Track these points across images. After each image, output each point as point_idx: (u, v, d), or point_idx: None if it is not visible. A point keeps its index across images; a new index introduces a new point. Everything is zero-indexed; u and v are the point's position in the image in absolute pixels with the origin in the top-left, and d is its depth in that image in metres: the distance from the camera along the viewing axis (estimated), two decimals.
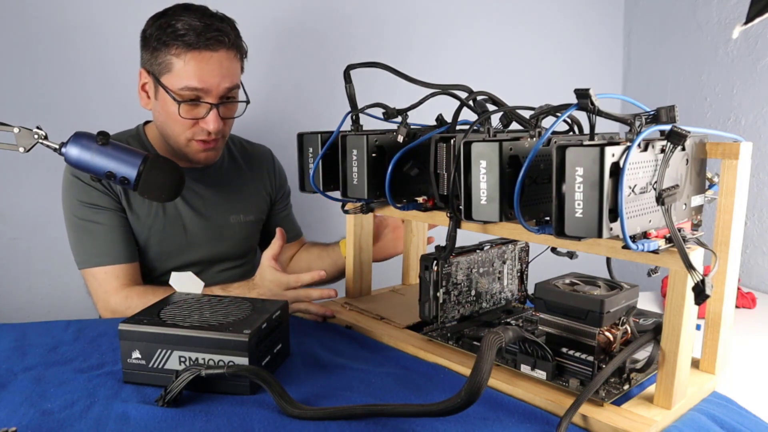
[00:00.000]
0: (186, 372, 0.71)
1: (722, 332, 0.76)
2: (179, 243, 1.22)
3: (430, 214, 0.86)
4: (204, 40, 1.07)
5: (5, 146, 0.87)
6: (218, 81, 1.10)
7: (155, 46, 1.09)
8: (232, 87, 1.13)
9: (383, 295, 1.11)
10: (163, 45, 1.08)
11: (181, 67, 1.08)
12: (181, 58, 1.08)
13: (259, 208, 1.35)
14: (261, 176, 1.36)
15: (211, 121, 1.11)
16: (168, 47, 1.08)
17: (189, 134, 1.13)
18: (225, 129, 1.17)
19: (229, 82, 1.12)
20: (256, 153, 1.38)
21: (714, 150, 0.72)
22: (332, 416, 0.67)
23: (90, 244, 1.15)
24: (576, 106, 0.63)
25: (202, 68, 1.08)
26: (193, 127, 1.12)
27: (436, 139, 0.80)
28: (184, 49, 1.07)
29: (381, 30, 1.72)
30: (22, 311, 1.43)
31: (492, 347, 0.65)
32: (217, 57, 1.09)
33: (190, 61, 1.07)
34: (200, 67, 1.08)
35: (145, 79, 1.15)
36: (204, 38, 1.07)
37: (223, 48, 1.10)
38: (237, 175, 1.32)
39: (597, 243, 0.67)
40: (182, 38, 1.07)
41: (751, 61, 1.59)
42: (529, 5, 1.89)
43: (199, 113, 1.11)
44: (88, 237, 1.15)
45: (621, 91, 2.06)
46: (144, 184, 0.89)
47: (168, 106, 1.11)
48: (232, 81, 1.13)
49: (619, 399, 0.70)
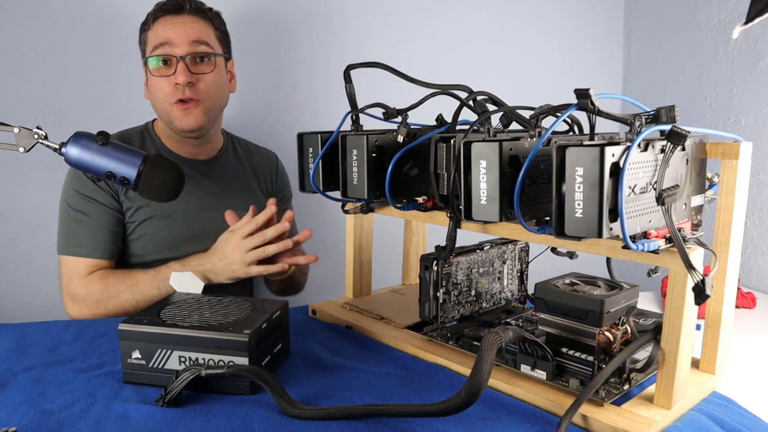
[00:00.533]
0: (186, 372, 0.71)
1: (722, 332, 0.76)
2: (182, 234, 1.24)
3: (430, 214, 0.86)
4: (167, 6, 1.21)
5: (5, 146, 0.87)
6: (181, 35, 1.18)
7: (140, 36, 1.24)
8: (198, 41, 1.20)
9: (383, 295, 1.11)
10: (143, 30, 1.23)
11: (151, 35, 1.21)
12: (152, 29, 1.21)
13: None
14: (264, 177, 1.40)
15: (180, 73, 1.17)
16: (144, 27, 1.23)
17: (169, 98, 1.19)
18: (201, 88, 1.20)
19: (193, 36, 1.19)
20: (261, 155, 1.43)
21: (714, 150, 0.72)
22: (332, 416, 0.67)
23: (75, 234, 1.20)
24: (576, 106, 0.63)
25: (165, 28, 1.19)
26: (170, 90, 1.19)
27: (436, 139, 0.80)
28: (152, 21, 1.21)
29: (381, 30, 1.72)
30: (22, 311, 1.43)
31: (492, 347, 0.65)
32: (181, 18, 1.20)
33: (156, 27, 1.20)
34: (164, 27, 1.19)
35: (144, 74, 1.24)
36: (166, 7, 1.21)
37: (184, 13, 1.21)
38: (241, 173, 1.36)
39: (597, 243, 0.67)
40: (152, 14, 1.21)
41: (751, 61, 1.59)
42: (529, 5, 1.89)
43: (170, 71, 1.18)
44: (75, 226, 1.20)
45: (621, 91, 2.06)
46: (144, 184, 0.89)
47: (150, 79, 1.21)
48: (197, 36, 1.20)
49: (619, 399, 0.70)
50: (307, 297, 1.42)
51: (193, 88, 1.19)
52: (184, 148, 1.29)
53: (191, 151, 1.29)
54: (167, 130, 1.27)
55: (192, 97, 1.19)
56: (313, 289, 1.44)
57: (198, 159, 1.30)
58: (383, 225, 1.19)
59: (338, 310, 1.04)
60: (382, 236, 1.27)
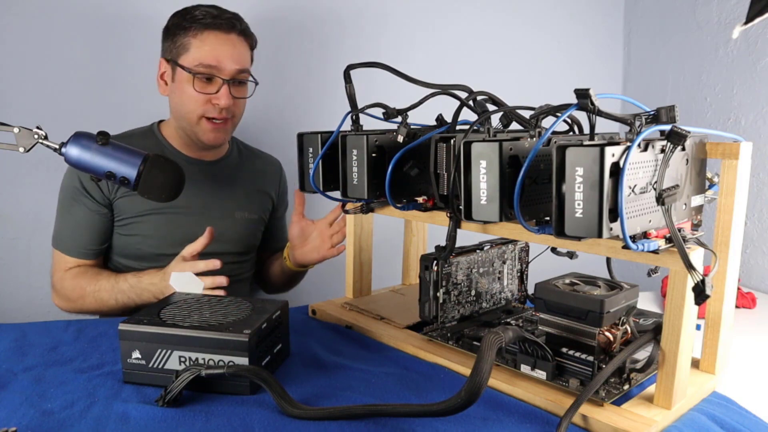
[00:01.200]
0: (186, 372, 0.71)
1: (722, 332, 0.76)
2: (181, 229, 1.24)
3: (430, 214, 0.86)
4: (219, 21, 1.20)
5: (5, 146, 0.87)
6: (230, 60, 1.19)
7: (175, 31, 1.21)
8: (242, 70, 1.22)
9: (383, 295, 1.11)
10: (182, 29, 1.20)
11: (197, 45, 1.18)
12: (197, 37, 1.19)
13: (262, 209, 1.39)
14: (268, 183, 1.42)
15: (223, 97, 1.19)
16: (186, 30, 1.19)
17: (201, 111, 1.20)
18: (235, 110, 1.24)
19: (240, 63, 1.21)
20: (266, 161, 1.45)
21: (714, 150, 0.72)
22: (332, 416, 0.67)
23: (61, 229, 1.24)
24: (576, 106, 0.63)
25: (216, 47, 1.19)
26: (205, 105, 1.20)
27: (436, 139, 0.80)
28: (200, 29, 1.19)
29: (381, 30, 1.72)
30: (22, 311, 1.43)
31: (492, 347, 0.65)
32: (230, 38, 1.21)
33: (205, 39, 1.18)
34: (214, 45, 1.19)
35: (164, 67, 1.24)
36: (219, 20, 1.20)
37: (235, 31, 1.21)
38: (245, 175, 1.37)
39: (597, 243, 0.67)
40: (200, 21, 1.19)
41: (751, 61, 1.59)
42: (529, 5, 1.89)
43: (212, 89, 1.19)
44: (63, 223, 1.24)
45: (621, 91, 2.06)
46: (144, 184, 0.89)
47: (183, 84, 1.19)
48: (242, 63, 1.22)
49: (619, 399, 0.70)
50: (307, 297, 1.42)
51: (227, 109, 1.21)
52: (192, 149, 1.30)
53: (198, 153, 1.31)
54: (180, 132, 1.27)
55: (226, 117, 1.22)
56: (313, 289, 1.44)
57: (204, 159, 1.31)
58: (383, 225, 1.19)
59: (338, 310, 1.04)
60: (382, 236, 1.27)
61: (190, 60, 1.19)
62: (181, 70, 1.19)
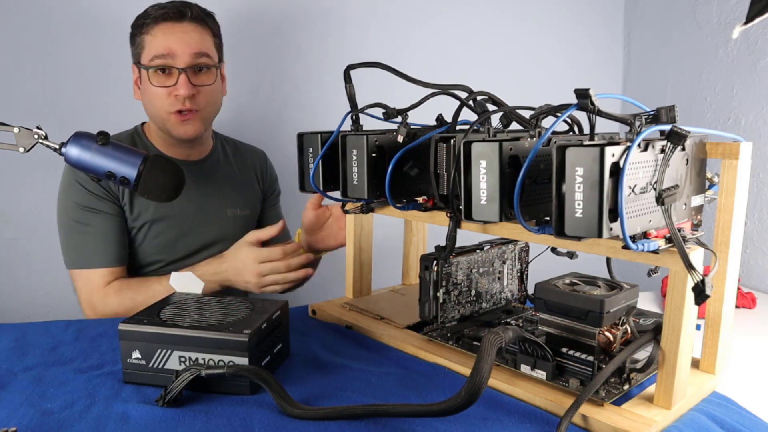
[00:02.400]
0: (186, 372, 0.71)
1: (722, 332, 0.76)
2: (176, 235, 1.25)
3: (430, 214, 0.86)
4: (168, 12, 1.18)
5: (5, 146, 0.87)
6: (183, 47, 1.17)
7: (134, 33, 1.21)
8: (200, 54, 1.19)
9: (383, 295, 1.11)
10: (138, 28, 1.20)
11: (150, 40, 1.17)
12: (150, 33, 1.18)
13: (253, 203, 1.39)
14: (254, 175, 1.41)
15: (181, 86, 1.16)
16: (141, 28, 1.19)
17: (167, 106, 1.18)
18: (200, 99, 1.20)
19: (195, 48, 1.18)
20: (249, 153, 1.43)
21: (714, 150, 0.72)
22: (332, 416, 0.67)
23: (82, 246, 1.19)
24: (576, 106, 0.63)
25: (167, 37, 1.17)
26: (167, 98, 1.18)
27: (436, 139, 0.80)
28: (151, 24, 1.18)
29: (381, 30, 1.72)
30: (22, 311, 1.43)
31: (492, 347, 0.65)
32: (181, 27, 1.18)
33: (156, 33, 1.17)
34: (165, 36, 1.17)
35: (135, 73, 1.23)
36: (167, 12, 1.18)
37: (186, 20, 1.19)
38: (232, 171, 1.36)
39: (597, 243, 0.67)
40: (151, 16, 1.18)
41: (751, 61, 1.59)
42: (529, 5, 1.89)
43: (170, 81, 1.17)
44: (81, 239, 1.19)
45: (621, 91, 2.06)
46: (144, 184, 0.89)
47: (146, 83, 1.18)
48: (199, 48, 1.19)
49: (619, 399, 0.70)
50: (307, 297, 1.42)
51: (192, 99, 1.18)
52: (176, 150, 1.28)
53: (183, 153, 1.29)
54: (160, 133, 1.26)
55: (191, 108, 1.19)
56: (313, 289, 1.44)
57: (190, 160, 1.30)
58: (383, 225, 1.19)
59: (338, 310, 1.04)
60: (382, 236, 1.27)
61: (146, 57, 1.17)
62: (144, 70, 1.18)
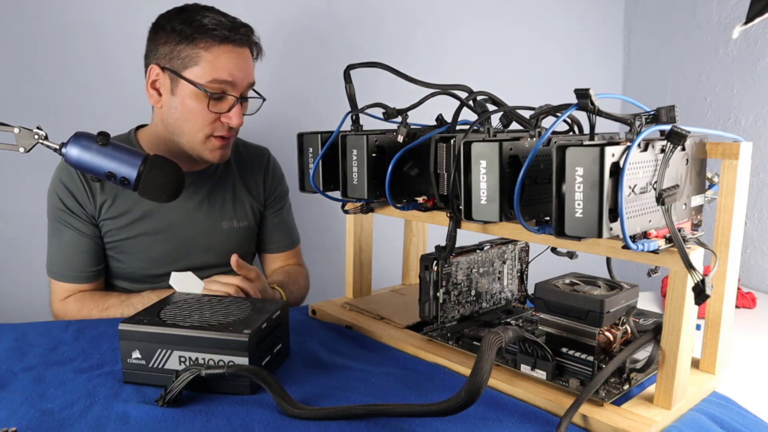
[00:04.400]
0: (186, 372, 0.71)
1: (722, 332, 0.76)
2: (169, 250, 1.21)
3: (430, 214, 0.86)
4: (236, 35, 1.10)
5: (5, 146, 0.87)
6: (244, 76, 1.12)
7: (178, 38, 1.09)
8: (252, 85, 1.16)
9: (383, 295, 1.11)
10: (189, 39, 1.08)
11: (210, 60, 1.08)
12: (211, 51, 1.08)
13: (252, 213, 1.31)
14: (254, 177, 1.33)
15: (235, 116, 1.12)
16: (195, 41, 1.08)
17: (209, 130, 1.12)
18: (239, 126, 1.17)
19: (251, 78, 1.15)
20: (251, 154, 1.35)
21: (714, 150, 0.72)
22: (332, 416, 0.67)
23: (54, 256, 1.19)
24: (576, 106, 0.63)
25: (232, 62, 1.10)
26: (213, 123, 1.12)
27: (436, 139, 0.80)
28: (215, 43, 1.08)
29: (381, 30, 1.72)
30: (22, 311, 1.43)
31: (492, 347, 0.65)
32: (244, 53, 1.13)
33: (221, 55, 1.09)
34: (231, 60, 1.09)
35: (156, 75, 1.12)
36: (236, 33, 1.10)
37: (247, 45, 1.14)
38: (230, 180, 1.29)
39: (597, 243, 0.67)
40: (212, 32, 1.08)
41: (751, 61, 1.59)
42: (529, 5, 1.89)
43: (223, 107, 1.11)
44: (55, 250, 1.19)
45: (621, 91, 2.06)
46: (144, 185, 0.89)
47: (188, 100, 1.10)
48: (253, 78, 1.16)
49: (619, 399, 0.70)
50: (308, 297, 1.42)
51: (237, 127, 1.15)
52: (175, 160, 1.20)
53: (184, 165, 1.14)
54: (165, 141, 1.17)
55: (232, 135, 1.16)
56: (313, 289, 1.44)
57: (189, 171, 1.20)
58: (383, 225, 1.19)
59: (338, 310, 1.04)
60: (382, 236, 1.27)
61: (199, 74, 1.08)
62: (185, 84, 1.08)
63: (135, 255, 1.20)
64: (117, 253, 1.20)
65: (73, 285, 1.17)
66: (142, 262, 1.20)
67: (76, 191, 1.15)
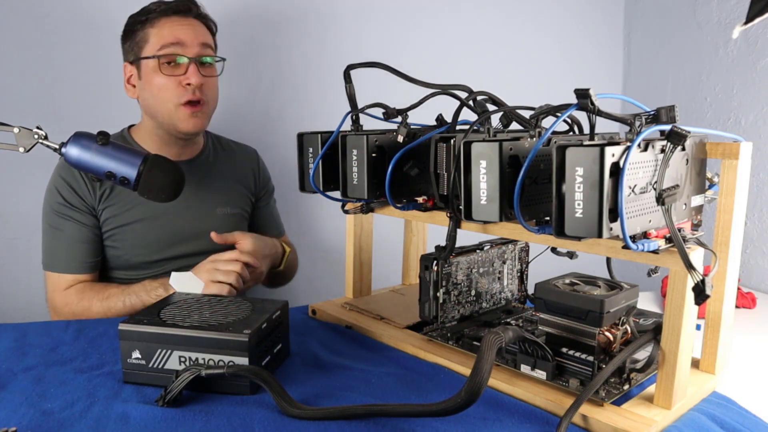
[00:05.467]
0: (186, 372, 0.71)
1: (722, 332, 0.76)
2: (166, 235, 1.24)
3: (430, 214, 0.86)
4: (173, 7, 1.19)
5: (5, 146, 0.87)
6: (192, 37, 1.18)
7: (132, 29, 1.20)
8: (206, 45, 1.21)
9: (383, 295, 1.11)
10: (139, 24, 1.19)
11: (156, 32, 1.18)
12: (156, 26, 1.18)
13: (243, 202, 1.37)
14: (245, 174, 1.39)
15: (192, 75, 1.17)
16: (143, 24, 1.19)
17: (176, 98, 1.18)
18: (207, 92, 1.21)
19: (202, 38, 1.20)
20: (241, 152, 1.42)
21: (714, 150, 0.72)
22: (332, 416, 0.67)
23: (53, 250, 1.21)
24: (576, 106, 0.63)
25: (174, 28, 1.18)
26: (177, 89, 1.18)
27: (436, 139, 0.80)
28: (157, 18, 1.18)
29: (381, 30, 1.72)
30: (22, 311, 1.43)
31: (492, 347, 0.65)
32: (188, 20, 1.20)
33: (163, 25, 1.18)
34: (173, 27, 1.18)
35: (129, 71, 1.23)
36: (174, 6, 1.20)
37: (191, 15, 1.21)
38: (223, 170, 1.36)
39: (597, 243, 0.67)
40: (155, 11, 1.19)
41: (751, 61, 1.59)
42: (529, 5, 1.89)
43: (179, 71, 1.18)
44: (53, 243, 1.21)
45: (621, 91, 2.06)
46: (144, 184, 0.89)
47: (150, 76, 1.18)
48: (205, 39, 1.21)
49: (619, 399, 0.70)
50: (307, 297, 1.42)
51: (200, 90, 1.19)
52: (168, 150, 1.25)
53: (175, 152, 1.27)
54: (156, 131, 1.24)
55: (200, 98, 1.19)
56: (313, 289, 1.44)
57: (181, 159, 1.28)
58: (383, 225, 1.19)
59: (338, 310, 1.04)
60: (382, 236, 1.27)
61: (152, 48, 1.17)
62: (146, 62, 1.18)
63: (131, 241, 1.23)
64: (114, 241, 1.23)
65: (73, 276, 1.20)
66: (139, 248, 1.23)
67: (76, 185, 1.19)
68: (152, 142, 1.26)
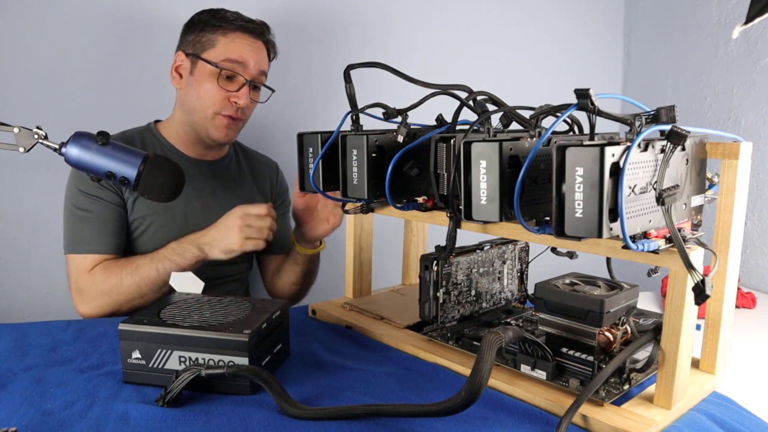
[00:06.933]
0: (186, 372, 0.71)
1: (722, 332, 0.76)
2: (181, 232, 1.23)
3: (430, 214, 0.86)
4: (251, 26, 1.26)
5: (5, 146, 0.87)
6: (255, 61, 1.25)
7: (203, 27, 1.24)
8: (263, 72, 1.28)
9: (383, 295, 1.11)
10: (210, 26, 1.24)
11: (225, 42, 1.23)
12: (227, 36, 1.23)
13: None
14: (264, 185, 1.43)
15: (243, 96, 1.23)
16: (215, 28, 1.24)
17: (218, 107, 1.23)
18: (248, 111, 1.28)
19: (263, 66, 1.27)
20: (263, 163, 1.46)
21: (714, 150, 0.72)
22: (332, 416, 0.67)
23: (79, 231, 1.20)
24: (576, 106, 0.63)
25: (244, 47, 1.24)
26: (222, 101, 1.23)
27: (436, 139, 0.80)
28: (231, 30, 1.24)
29: (381, 30, 1.72)
30: (22, 311, 1.43)
31: (492, 347, 0.65)
32: (258, 44, 1.27)
33: (235, 39, 1.23)
34: (243, 45, 1.24)
35: (181, 60, 1.26)
36: (251, 25, 1.26)
37: (261, 39, 1.28)
38: (242, 177, 1.39)
39: (597, 243, 0.67)
40: (231, 22, 1.24)
41: (751, 61, 1.59)
42: (529, 5, 1.89)
43: (233, 87, 1.23)
44: (79, 224, 1.20)
45: (621, 91, 2.06)
46: (144, 184, 0.89)
47: (203, 78, 1.22)
48: (264, 67, 1.28)
49: (619, 399, 0.70)
50: (307, 297, 1.42)
51: (242, 109, 1.25)
52: (193, 147, 1.30)
53: (199, 152, 1.31)
54: (185, 128, 1.28)
55: (240, 117, 1.26)
56: (313, 289, 1.44)
57: (204, 159, 1.32)
58: (383, 225, 1.19)
59: (338, 310, 1.04)
60: (382, 236, 1.27)
61: (215, 55, 1.21)
62: (203, 64, 1.21)
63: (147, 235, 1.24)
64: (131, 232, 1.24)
65: (98, 256, 1.19)
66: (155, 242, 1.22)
67: None
68: (179, 137, 1.30)
